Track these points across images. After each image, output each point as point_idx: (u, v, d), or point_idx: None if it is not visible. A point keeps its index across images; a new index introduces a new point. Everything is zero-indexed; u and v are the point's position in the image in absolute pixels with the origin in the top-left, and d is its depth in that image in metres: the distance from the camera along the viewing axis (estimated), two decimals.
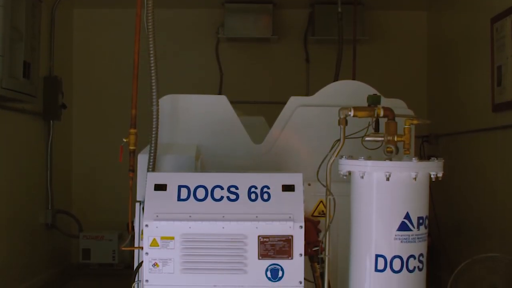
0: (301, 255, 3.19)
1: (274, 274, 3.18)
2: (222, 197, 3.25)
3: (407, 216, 3.24)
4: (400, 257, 3.25)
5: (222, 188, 3.27)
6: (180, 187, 3.28)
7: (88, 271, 7.64)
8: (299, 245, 3.19)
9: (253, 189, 3.26)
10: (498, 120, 6.10)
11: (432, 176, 3.28)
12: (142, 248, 3.27)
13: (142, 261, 3.27)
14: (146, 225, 3.21)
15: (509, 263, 5.03)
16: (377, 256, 3.27)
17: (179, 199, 3.26)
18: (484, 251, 5.24)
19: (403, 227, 3.24)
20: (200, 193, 3.26)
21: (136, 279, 3.56)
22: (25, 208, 6.80)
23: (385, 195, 3.26)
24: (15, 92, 5.92)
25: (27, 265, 6.72)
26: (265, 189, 3.26)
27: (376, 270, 3.27)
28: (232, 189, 3.26)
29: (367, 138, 3.43)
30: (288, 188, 3.27)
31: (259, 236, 3.18)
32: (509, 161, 5.88)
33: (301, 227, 3.19)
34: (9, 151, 6.30)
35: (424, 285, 3.37)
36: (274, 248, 3.17)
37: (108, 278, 7.38)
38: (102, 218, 8.04)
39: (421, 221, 3.28)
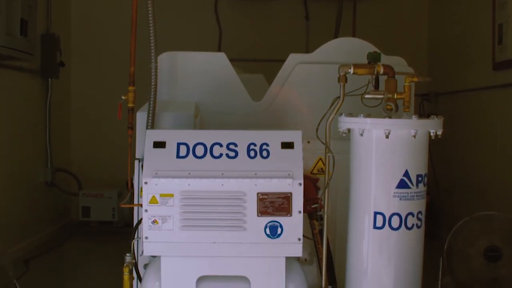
0: (300, 212, 3.20)
1: (273, 231, 3.19)
2: (221, 154, 3.24)
3: (406, 174, 3.24)
4: (398, 214, 3.26)
5: (221, 146, 3.26)
6: (179, 144, 3.27)
7: (88, 229, 7.68)
8: (298, 202, 3.19)
9: (252, 147, 3.25)
10: (498, 78, 6.08)
11: (431, 134, 3.27)
12: (141, 205, 3.28)
13: (142, 218, 3.28)
14: (145, 183, 3.20)
15: (507, 221, 5.06)
16: (375, 213, 3.28)
17: (178, 156, 3.25)
18: (483, 210, 5.26)
19: (402, 184, 3.24)
20: (199, 150, 3.25)
21: (136, 236, 3.57)
22: (25, 167, 6.81)
23: (384, 153, 3.26)
24: (12, 50, 5.88)
25: (28, 223, 6.75)
26: (264, 147, 3.25)
27: (375, 227, 3.29)
28: (231, 147, 3.25)
29: (366, 96, 3.42)
30: (287, 145, 3.26)
31: (258, 193, 3.18)
32: (509, 119, 5.87)
33: (300, 184, 3.19)
34: (7, 109, 6.29)
35: (422, 242, 3.39)
36: (273, 205, 3.18)
37: (108, 235, 7.42)
38: (101, 176, 8.06)
39: (420, 179, 3.28)
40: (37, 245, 6.75)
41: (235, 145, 3.26)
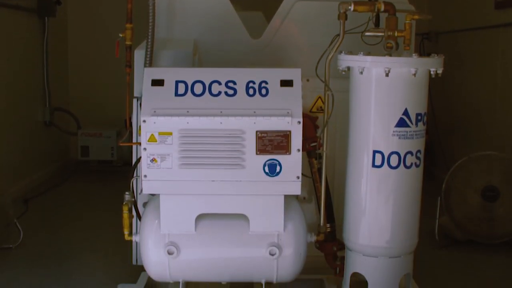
0: (298, 150, 3.20)
1: (272, 169, 3.20)
2: (220, 92, 3.22)
3: (405, 113, 3.23)
4: (397, 153, 3.25)
5: (220, 83, 3.24)
6: (177, 82, 3.25)
7: (87, 168, 7.71)
8: (297, 141, 3.19)
9: (251, 84, 3.23)
10: (500, 17, 6.02)
11: (431, 72, 3.25)
12: (140, 144, 3.27)
13: (140, 157, 3.28)
14: (144, 121, 3.19)
15: (505, 161, 5.08)
16: (374, 152, 3.28)
17: (176, 94, 3.23)
18: (482, 150, 5.28)
19: (401, 123, 3.23)
20: (198, 88, 3.23)
21: (135, 175, 3.58)
22: (23, 106, 6.79)
23: (384, 91, 3.24)
24: None
25: (27, 162, 6.77)
26: (263, 84, 3.23)
27: (374, 166, 3.29)
28: (230, 84, 3.23)
29: (367, 33, 3.38)
30: (287, 83, 3.24)
31: (257, 132, 3.17)
32: (510, 59, 5.84)
33: (299, 122, 3.18)
34: (4, 48, 6.23)
35: (420, 181, 3.39)
36: (272, 143, 3.17)
37: (107, 174, 7.45)
38: (100, 115, 8.04)
39: (419, 117, 3.27)
40: (37, 185, 6.78)
41: (234, 83, 3.24)
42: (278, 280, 3.43)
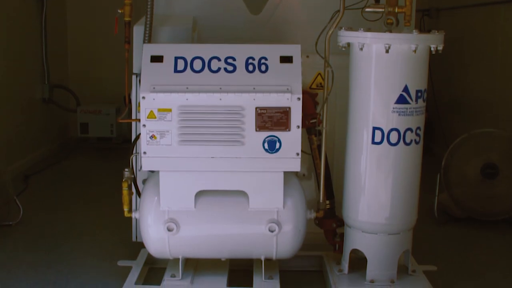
0: (298, 127, 3.19)
1: (271, 145, 3.19)
2: (219, 69, 3.21)
3: (405, 89, 3.23)
4: (397, 129, 3.25)
5: (219, 60, 3.23)
6: (176, 58, 3.24)
7: (87, 145, 7.69)
8: (296, 117, 3.19)
9: (250, 61, 3.22)
10: None
11: (432, 49, 3.24)
12: (139, 120, 3.27)
13: (140, 134, 3.27)
14: (143, 97, 3.19)
15: (505, 138, 5.07)
16: (374, 128, 3.28)
17: (175, 70, 3.22)
18: (482, 127, 5.26)
19: (401, 100, 3.23)
20: (197, 64, 3.22)
21: (134, 151, 3.57)
22: (22, 84, 6.77)
23: (384, 68, 3.23)
24: None
25: (26, 140, 6.75)
26: (262, 61, 3.22)
27: (373, 142, 3.29)
28: (230, 61, 3.22)
29: (367, 9, 3.37)
30: (286, 59, 3.23)
31: (256, 108, 3.17)
32: (510, 36, 5.81)
33: (298, 99, 3.17)
34: (2, 25, 6.20)
35: (420, 158, 3.40)
36: (271, 120, 3.17)
37: (107, 151, 7.44)
38: (99, 92, 8.01)
39: (419, 94, 3.26)
40: (36, 162, 6.78)
41: (233, 59, 3.23)
42: (278, 256, 3.44)
